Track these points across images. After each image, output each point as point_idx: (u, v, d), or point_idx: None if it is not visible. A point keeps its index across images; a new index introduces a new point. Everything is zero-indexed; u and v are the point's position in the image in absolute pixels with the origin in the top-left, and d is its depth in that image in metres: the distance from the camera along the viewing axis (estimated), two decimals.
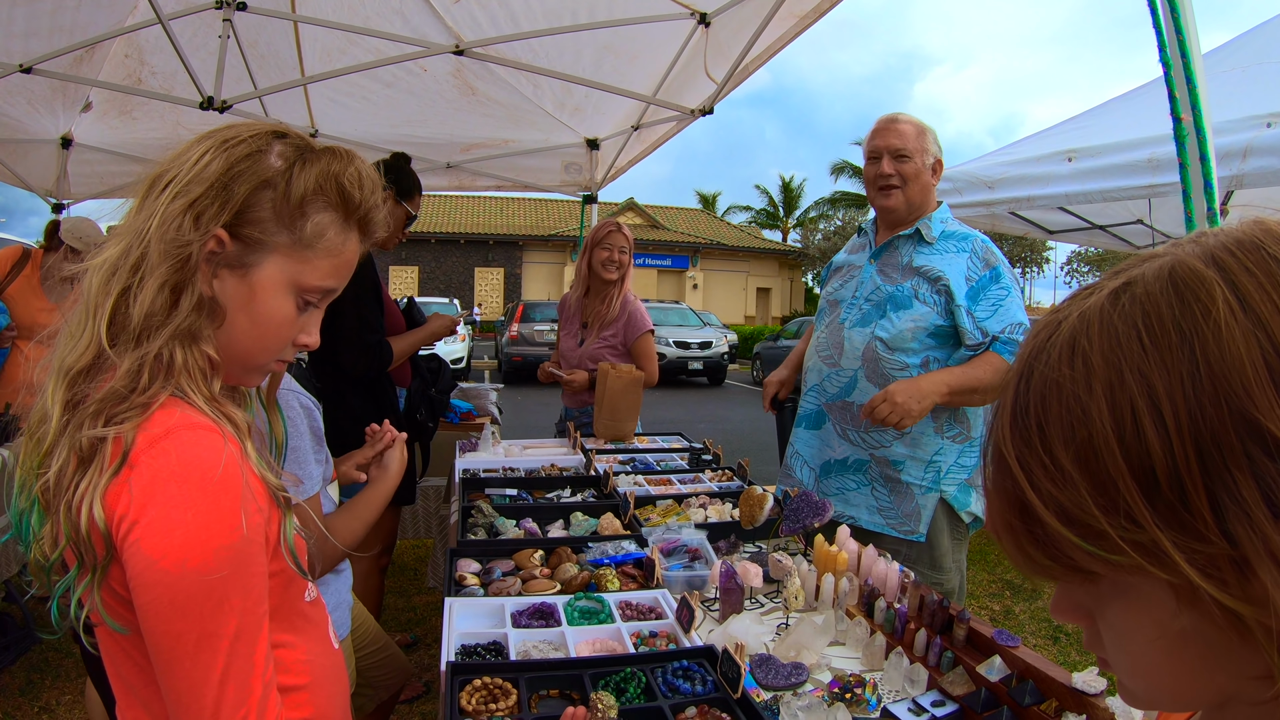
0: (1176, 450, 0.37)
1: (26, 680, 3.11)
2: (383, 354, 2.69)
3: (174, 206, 0.85)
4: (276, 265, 0.91)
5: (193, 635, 0.79)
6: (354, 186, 0.93)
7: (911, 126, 2.33)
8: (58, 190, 5.04)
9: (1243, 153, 3.24)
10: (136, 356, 0.83)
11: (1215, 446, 0.36)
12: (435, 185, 5.32)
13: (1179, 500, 0.37)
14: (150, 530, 0.77)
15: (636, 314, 3.41)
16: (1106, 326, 0.40)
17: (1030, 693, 1.37)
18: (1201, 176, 1.34)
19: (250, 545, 0.82)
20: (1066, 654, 3.77)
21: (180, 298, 0.85)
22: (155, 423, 0.81)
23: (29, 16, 3.26)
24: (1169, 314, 0.39)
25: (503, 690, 1.26)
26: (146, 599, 0.78)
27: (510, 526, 2.12)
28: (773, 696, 1.40)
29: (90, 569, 0.79)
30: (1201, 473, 0.36)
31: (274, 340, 0.94)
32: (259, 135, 0.90)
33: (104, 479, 0.78)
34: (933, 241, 2.31)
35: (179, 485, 0.79)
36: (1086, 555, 0.40)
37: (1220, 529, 0.36)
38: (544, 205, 33.23)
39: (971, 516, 2.31)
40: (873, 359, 2.31)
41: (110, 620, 0.81)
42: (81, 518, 0.77)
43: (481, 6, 3.36)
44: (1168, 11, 1.32)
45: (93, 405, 0.81)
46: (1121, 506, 0.38)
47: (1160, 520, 0.37)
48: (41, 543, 0.82)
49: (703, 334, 17.13)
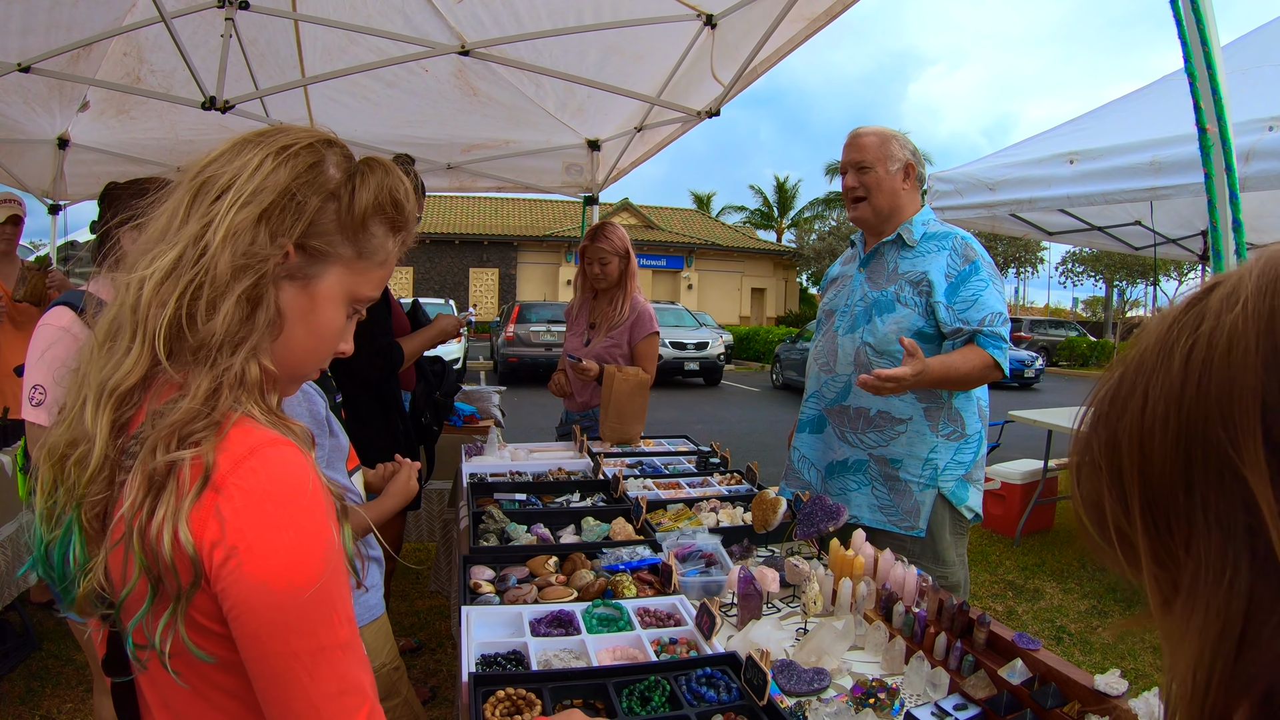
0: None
1: (26, 688, 3.07)
2: (394, 355, 2.68)
3: (243, 216, 0.81)
4: (337, 277, 0.90)
5: (308, 651, 0.77)
6: (405, 198, 0.94)
7: (873, 137, 2.42)
8: (54, 191, 4.99)
9: (1245, 156, 3.24)
10: (214, 374, 0.79)
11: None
12: (436, 186, 5.29)
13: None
14: (253, 554, 0.75)
15: (645, 315, 3.40)
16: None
17: (1053, 695, 1.37)
18: (1227, 186, 1.34)
19: (340, 554, 0.82)
20: (1070, 654, 3.78)
21: (256, 311, 0.82)
22: (234, 442, 0.78)
23: (26, 13, 3.21)
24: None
25: (527, 701, 1.25)
26: (257, 623, 0.76)
27: (521, 532, 2.11)
28: (797, 703, 1.39)
29: (173, 598, 0.75)
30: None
31: (325, 351, 0.94)
32: (316, 143, 0.88)
33: (186, 503, 0.74)
34: (915, 245, 2.39)
35: (275, 505, 0.77)
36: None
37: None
38: (539, 205, 33.18)
39: (971, 512, 2.37)
40: (864, 364, 2.38)
41: (196, 650, 0.77)
42: (164, 545, 0.73)
43: (485, 6, 3.34)
44: (1193, 22, 1.31)
45: (164, 428, 0.76)
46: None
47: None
48: (90, 574, 0.78)
49: (699, 334, 17.12)
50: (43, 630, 3.53)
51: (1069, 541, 5.57)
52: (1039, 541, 5.55)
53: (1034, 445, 5.88)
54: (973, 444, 2.37)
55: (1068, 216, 5.95)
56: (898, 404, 2.32)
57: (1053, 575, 4.89)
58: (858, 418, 2.40)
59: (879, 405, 2.35)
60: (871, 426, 2.37)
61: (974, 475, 2.38)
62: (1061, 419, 5.83)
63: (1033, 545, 5.46)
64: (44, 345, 2.01)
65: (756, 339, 23.91)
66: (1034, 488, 5.58)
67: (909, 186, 2.42)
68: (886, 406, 2.34)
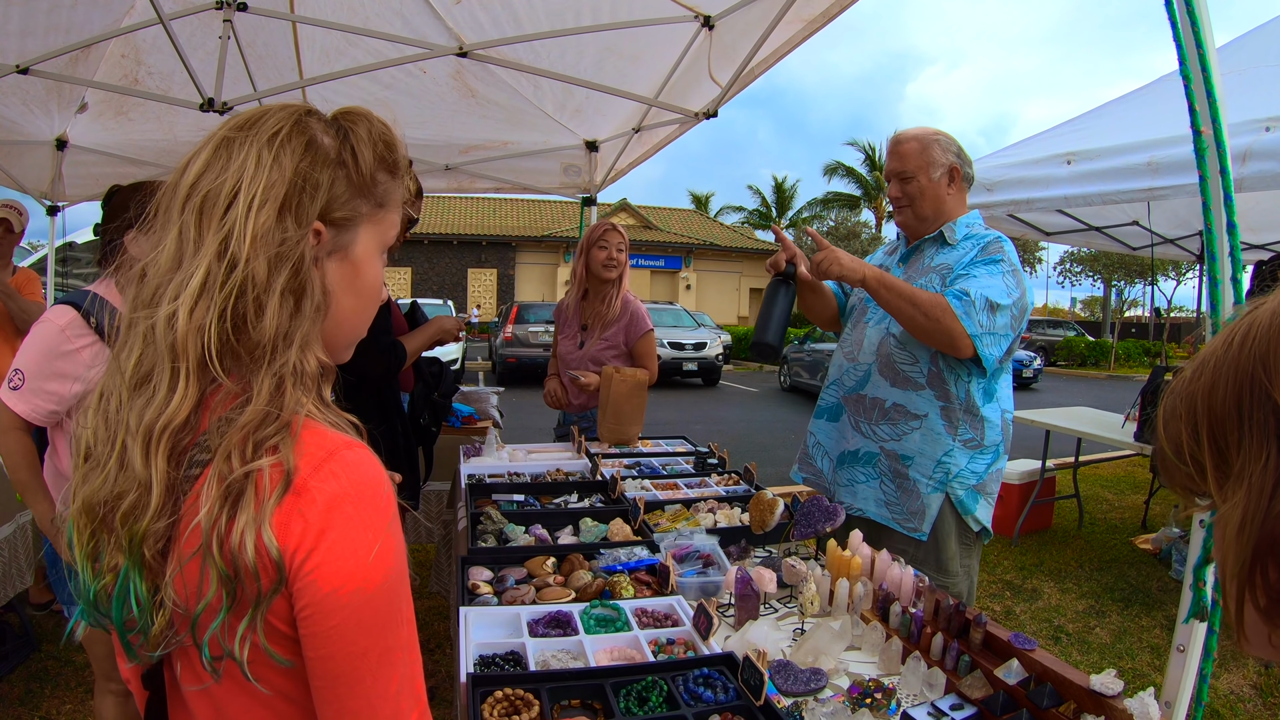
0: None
1: (26, 690, 3.08)
2: (397, 354, 2.68)
3: (264, 217, 0.80)
4: (367, 235, 0.92)
5: (376, 651, 0.79)
6: (393, 138, 0.95)
7: (914, 144, 2.38)
8: (52, 192, 4.99)
9: (1242, 156, 3.25)
10: (274, 371, 0.79)
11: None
12: (434, 187, 5.29)
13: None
14: (331, 555, 0.76)
15: (638, 314, 3.41)
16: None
17: (1049, 695, 1.37)
18: (1222, 189, 1.35)
19: (406, 555, 0.84)
20: (1068, 654, 3.79)
21: (302, 301, 0.83)
22: (310, 445, 0.79)
23: (25, 15, 3.21)
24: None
25: (525, 701, 1.26)
26: (330, 623, 0.76)
27: (519, 533, 2.11)
28: (793, 703, 1.40)
29: (251, 603, 0.75)
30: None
31: (374, 305, 0.97)
32: (294, 117, 0.87)
33: (268, 507, 0.75)
34: (955, 244, 2.36)
35: (355, 507, 0.78)
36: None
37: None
38: (537, 206, 33.17)
39: (979, 524, 2.32)
40: (886, 354, 2.36)
41: (276, 654, 0.77)
42: (247, 550, 0.73)
43: (483, 8, 3.34)
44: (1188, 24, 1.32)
45: (236, 434, 0.76)
46: None
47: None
48: (163, 607, 0.78)
49: (697, 335, 17.13)
50: (42, 631, 3.53)
51: (1067, 541, 5.58)
52: (1037, 541, 5.56)
53: (1032, 445, 5.88)
54: (989, 455, 2.31)
55: (1065, 217, 5.96)
56: (915, 399, 2.29)
57: (1051, 575, 4.90)
58: (873, 408, 2.37)
59: (895, 398, 2.32)
60: (886, 419, 2.34)
61: (987, 487, 2.32)
62: (1059, 419, 5.84)
63: (1031, 545, 5.47)
64: (39, 341, 2.03)
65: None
66: (1032, 487, 5.59)
67: (954, 190, 2.39)
68: (903, 400, 2.31)
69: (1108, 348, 25.27)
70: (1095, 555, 5.29)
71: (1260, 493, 0.50)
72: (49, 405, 2.04)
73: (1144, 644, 3.92)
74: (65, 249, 7.98)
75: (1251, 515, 0.50)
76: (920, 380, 2.29)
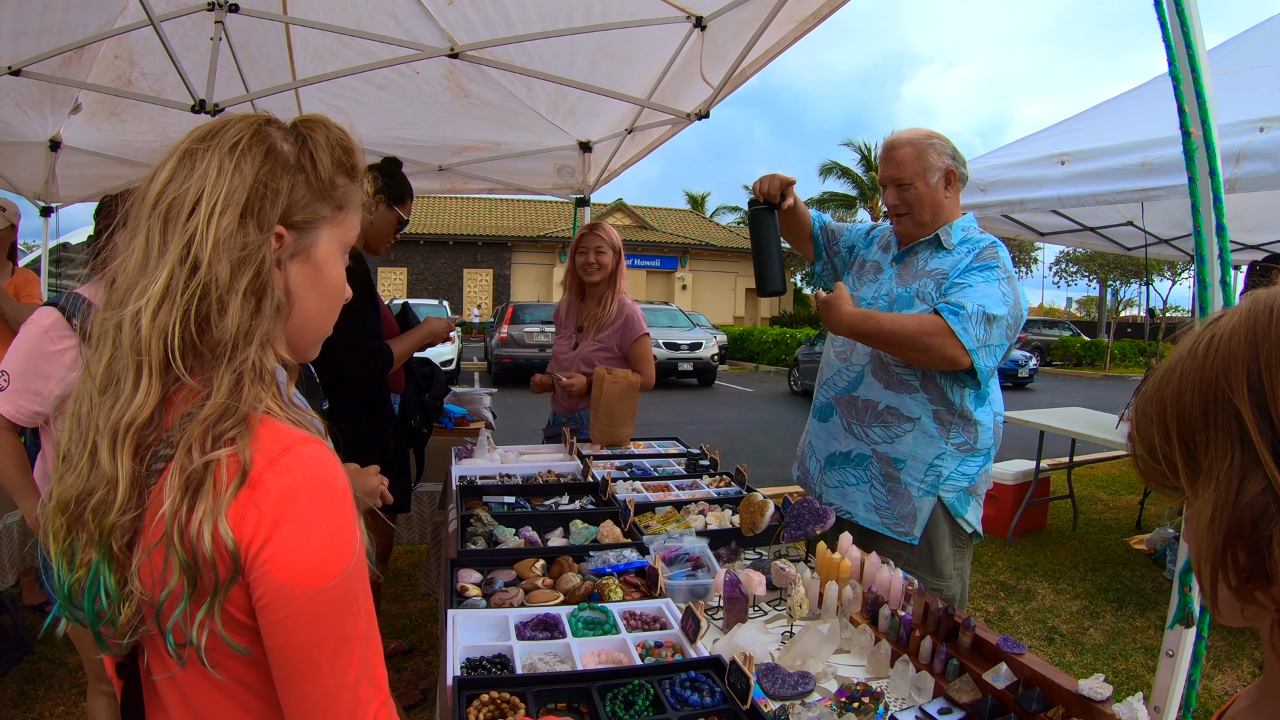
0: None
1: (19, 691, 3.07)
2: (384, 358, 2.66)
3: (225, 222, 0.83)
4: (328, 235, 0.95)
5: (332, 640, 0.81)
6: (351, 143, 0.98)
7: (909, 149, 2.35)
8: (46, 193, 4.98)
9: (1235, 157, 3.25)
10: (233, 368, 0.82)
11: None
12: (427, 188, 5.28)
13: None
14: (288, 546, 0.78)
15: (633, 317, 3.40)
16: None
17: (1037, 699, 1.37)
18: (1211, 190, 1.35)
19: (364, 548, 0.86)
20: (1061, 654, 3.79)
21: (262, 301, 0.86)
22: (267, 440, 0.82)
23: (18, 17, 3.21)
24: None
25: (510, 705, 1.25)
26: (286, 613, 0.79)
27: (509, 535, 2.11)
28: (781, 707, 1.40)
29: (210, 593, 0.78)
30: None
31: (338, 303, 1.00)
32: (254, 127, 0.90)
33: (224, 499, 0.77)
34: (950, 248, 2.34)
35: (309, 500, 0.80)
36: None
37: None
38: (533, 206, 33.13)
39: (971, 527, 2.32)
40: (878, 355, 2.35)
41: (233, 642, 0.80)
42: (204, 540, 0.76)
43: (475, 8, 3.34)
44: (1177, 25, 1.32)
45: (197, 427, 0.79)
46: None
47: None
48: (130, 597, 0.81)
49: (692, 335, 17.12)
50: (35, 633, 3.52)
51: (1061, 542, 5.59)
52: (1031, 542, 5.56)
53: (1026, 446, 5.89)
54: (980, 458, 2.32)
55: (1060, 217, 5.96)
56: (908, 401, 2.28)
57: (1045, 576, 4.90)
58: (865, 410, 2.36)
59: (888, 400, 2.31)
60: (878, 421, 2.33)
61: (977, 490, 2.33)
62: (1054, 419, 5.85)
63: (1025, 546, 5.47)
64: (24, 343, 2.05)
65: (750, 339, 23.92)
66: (1026, 488, 5.59)
67: (951, 193, 2.37)
68: (897, 403, 2.30)
69: (1103, 348, 25.30)
70: (1090, 556, 5.30)
71: (1228, 487, 0.56)
72: (33, 406, 2.04)
73: (1138, 645, 3.92)
74: (59, 250, 7.96)
75: (1220, 507, 0.56)
76: (914, 383, 2.29)
